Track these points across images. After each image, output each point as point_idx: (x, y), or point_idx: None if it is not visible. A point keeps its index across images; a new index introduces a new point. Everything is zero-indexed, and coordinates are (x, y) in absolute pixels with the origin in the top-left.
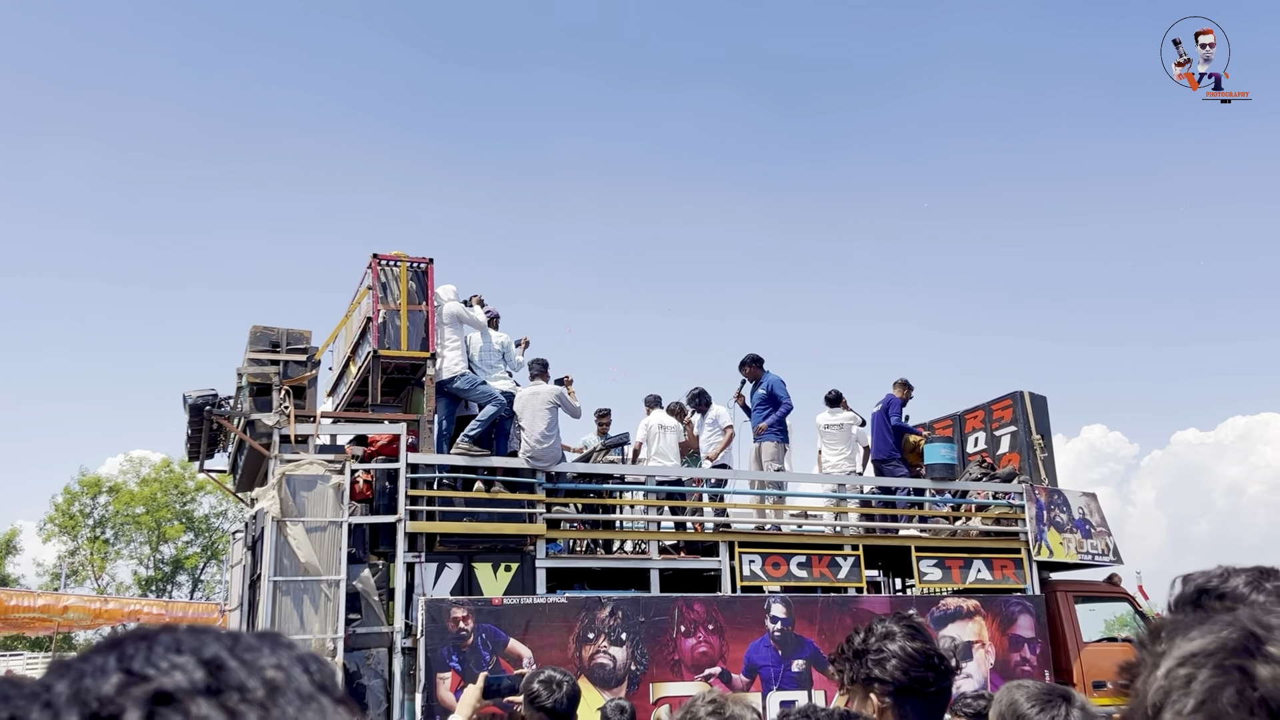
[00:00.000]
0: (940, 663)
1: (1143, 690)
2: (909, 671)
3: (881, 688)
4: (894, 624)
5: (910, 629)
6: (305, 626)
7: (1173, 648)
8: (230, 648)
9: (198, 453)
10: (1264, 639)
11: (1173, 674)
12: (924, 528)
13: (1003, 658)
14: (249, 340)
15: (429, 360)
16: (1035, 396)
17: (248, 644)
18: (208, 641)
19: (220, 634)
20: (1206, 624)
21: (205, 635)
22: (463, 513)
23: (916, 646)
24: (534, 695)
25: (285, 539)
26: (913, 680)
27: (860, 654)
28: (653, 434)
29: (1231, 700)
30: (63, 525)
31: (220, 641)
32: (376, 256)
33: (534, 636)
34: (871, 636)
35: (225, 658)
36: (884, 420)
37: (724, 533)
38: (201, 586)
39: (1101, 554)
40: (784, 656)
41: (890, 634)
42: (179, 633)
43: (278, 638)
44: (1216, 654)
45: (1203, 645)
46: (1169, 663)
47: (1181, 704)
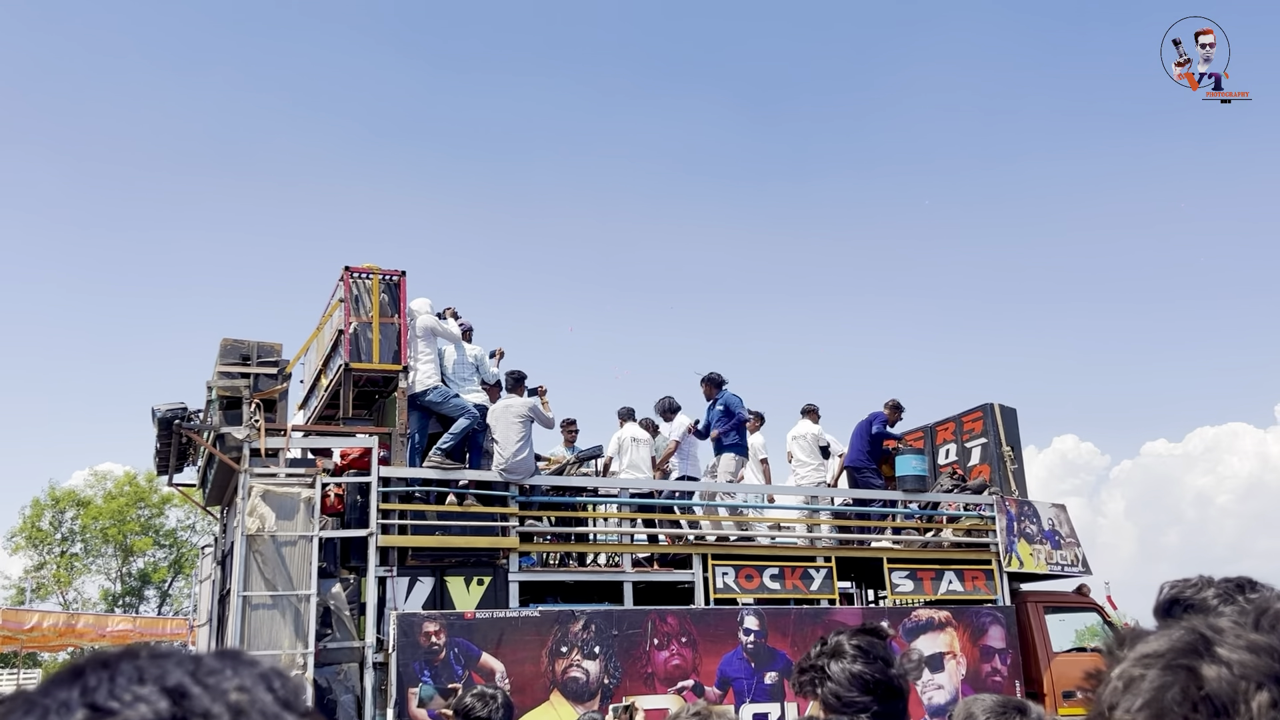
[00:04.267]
0: (880, 687)
1: (1101, 692)
2: (841, 695)
3: (825, 704)
4: (846, 641)
5: (858, 649)
6: (275, 642)
7: (1131, 651)
8: (193, 672)
9: (167, 466)
10: (1214, 641)
11: (1124, 674)
12: (896, 539)
13: (974, 668)
14: (219, 353)
15: (401, 373)
16: (1005, 409)
17: (210, 667)
18: (169, 668)
19: (182, 657)
20: (1166, 629)
21: (167, 661)
22: (435, 526)
23: (856, 670)
24: (468, 709)
25: (255, 553)
26: (844, 703)
27: (805, 669)
28: (625, 446)
29: (1176, 698)
30: (30, 538)
31: (182, 666)
32: (348, 269)
33: (507, 650)
34: (822, 653)
35: (188, 684)
36: (866, 430)
37: (697, 545)
38: (170, 601)
39: (1071, 565)
40: (757, 669)
41: (838, 652)
42: (141, 660)
43: (239, 656)
44: (1166, 654)
45: (1155, 647)
46: (1124, 664)
47: (1130, 701)
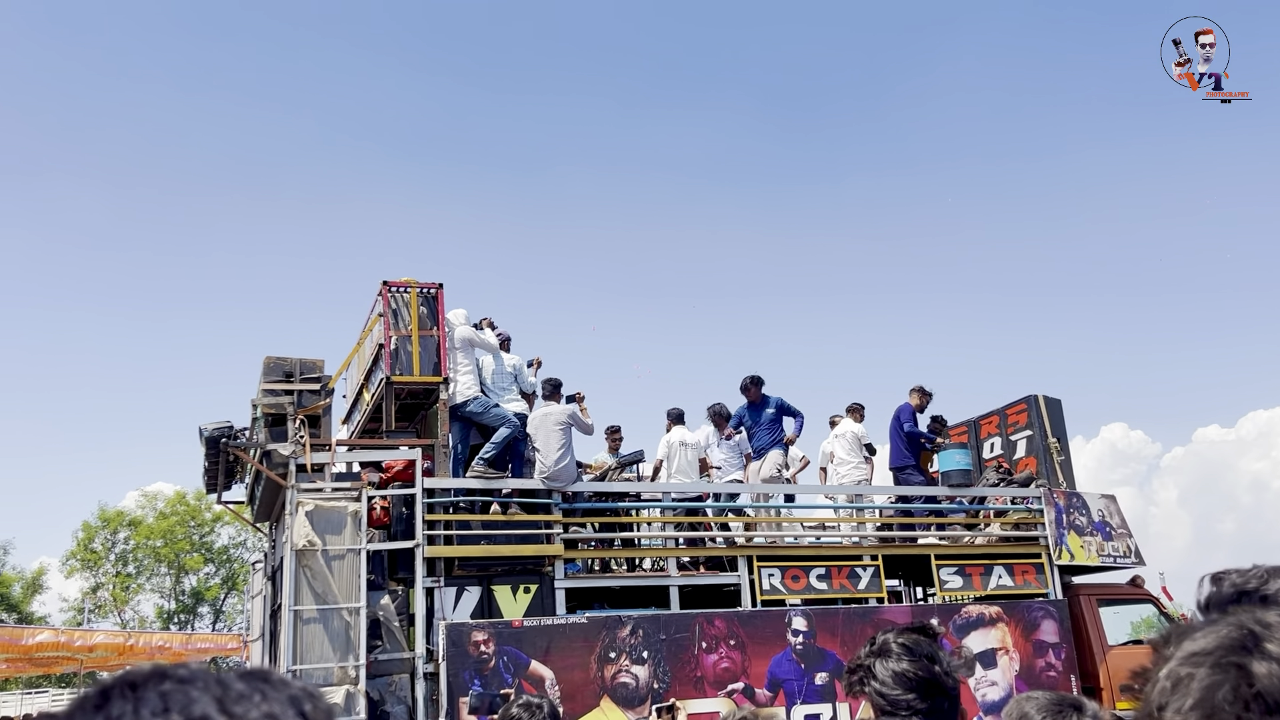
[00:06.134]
0: (925, 684)
1: (1149, 692)
2: (886, 694)
3: (872, 703)
4: (893, 640)
5: (904, 647)
6: (327, 655)
7: (1178, 649)
8: (219, 699)
9: (215, 485)
10: (1263, 637)
11: (1173, 673)
12: (943, 535)
13: (1027, 664)
14: (263, 371)
15: (441, 385)
16: (1050, 400)
17: (237, 692)
18: (196, 696)
19: (209, 681)
20: (1212, 625)
21: (193, 688)
22: (480, 536)
23: (901, 668)
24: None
25: (304, 568)
26: (889, 702)
27: (854, 669)
28: (674, 450)
29: (1227, 697)
30: (85, 560)
31: (209, 693)
32: (386, 283)
33: (555, 658)
34: (870, 652)
35: (213, 715)
36: (898, 428)
37: (742, 547)
38: (223, 617)
39: (1123, 556)
40: (807, 669)
41: (884, 651)
42: (166, 685)
43: (269, 678)
44: (1215, 652)
45: (1204, 645)
46: (1172, 663)
47: (1180, 702)
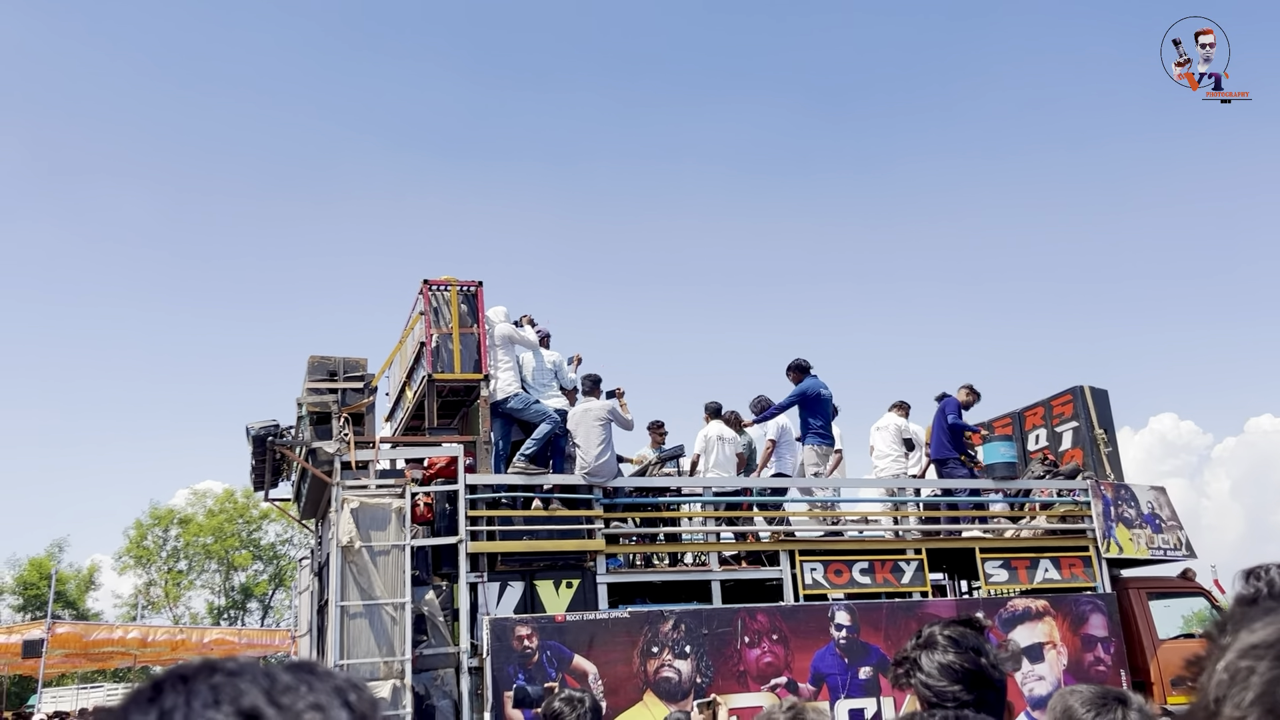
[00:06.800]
0: (970, 676)
1: (1205, 684)
2: (931, 686)
3: (919, 695)
4: (939, 633)
5: (950, 639)
6: (373, 649)
7: (1236, 640)
8: (268, 691)
9: (262, 482)
10: None
11: (1232, 666)
12: (987, 528)
13: (1075, 658)
14: (307, 370)
15: (483, 382)
16: (1096, 390)
17: (285, 684)
18: (245, 688)
19: (257, 674)
20: (1271, 616)
21: (242, 680)
22: (522, 531)
23: (946, 660)
24: (557, 714)
25: (350, 564)
26: (934, 693)
27: (899, 662)
28: (711, 445)
29: None
30: (137, 557)
31: (258, 685)
32: (427, 282)
33: (598, 652)
34: (916, 645)
35: (262, 706)
36: (941, 421)
37: (784, 541)
38: (272, 613)
39: (1173, 549)
40: (850, 664)
41: (930, 643)
42: (217, 678)
43: (315, 670)
44: (1277, 645)
45: (1264, 637)
46: (1230, 655)
47: (1240, 696)
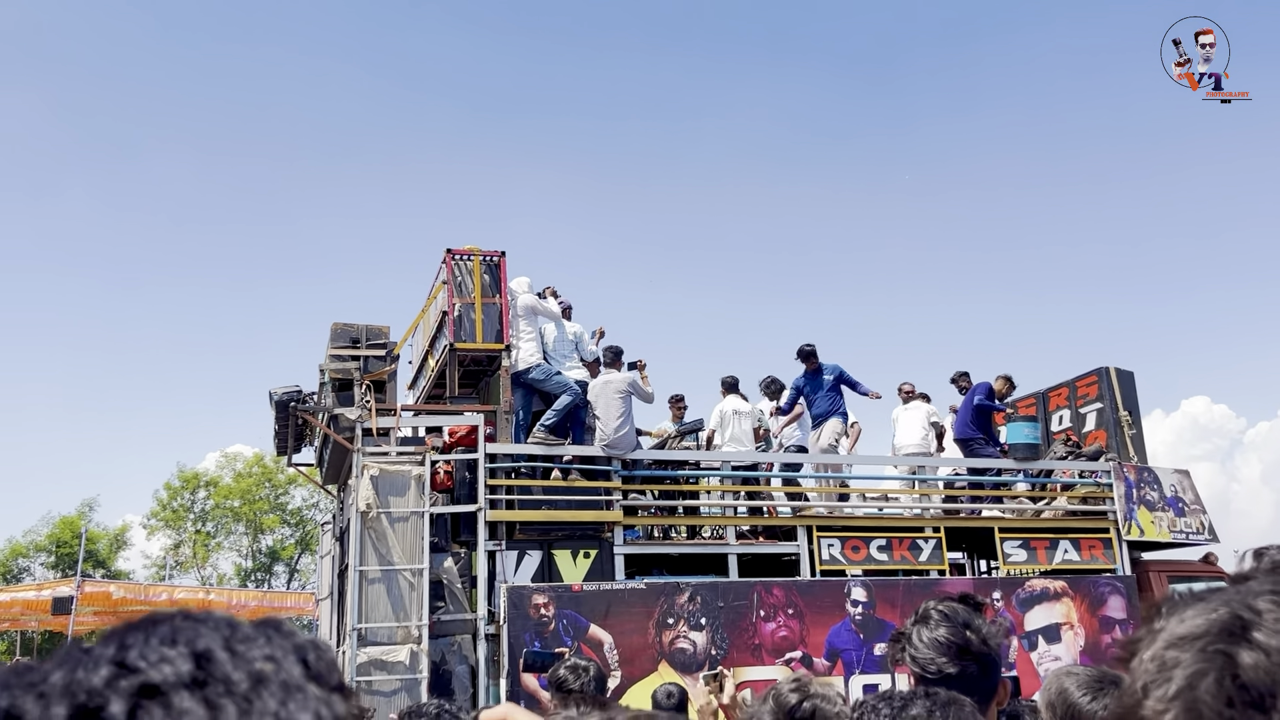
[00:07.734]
0: (956, 649)
1: (1135, 669)
2: (918, 659)
3: (910, 670)
4: (933, 608)
5: (941, 614)
6: (390, 614)
7: (1167, 627)
8: (226, 639)
9: (285, 447)
10: (1251, 624)
11: (1159, 655)
12: (1006, 508)
13: (1092, 640)
14: (330, 337)
15: (504, 352)
16: (1122, 372)
17: (244, 635)
18: (204, 632)
19: (220, 623)
20: (1201, 604)
21: (204, 625)
22: (541, 501)
23: (936, 635)
24: (562, 681)
25: (369, 530)
26: (921, 665)
27: (897, 638)
28: (726, 419)
29: (1210, 689)
30: (166, 520)
31: (218, 632)
32: (450, 251)
33: (614, 622)
34: (914, 620)
35: (215, 650)
36: (969, 399)
37: (802, 516)
38: (298, 576)
39: (1196, 532)
40: (866, 640)
41: (923, 618)
42: (178, 621)
43: (280, 626)
44: (1202, 638)
45: (1191, 628)
46: (1158, 644)
47: (1164, 689)
